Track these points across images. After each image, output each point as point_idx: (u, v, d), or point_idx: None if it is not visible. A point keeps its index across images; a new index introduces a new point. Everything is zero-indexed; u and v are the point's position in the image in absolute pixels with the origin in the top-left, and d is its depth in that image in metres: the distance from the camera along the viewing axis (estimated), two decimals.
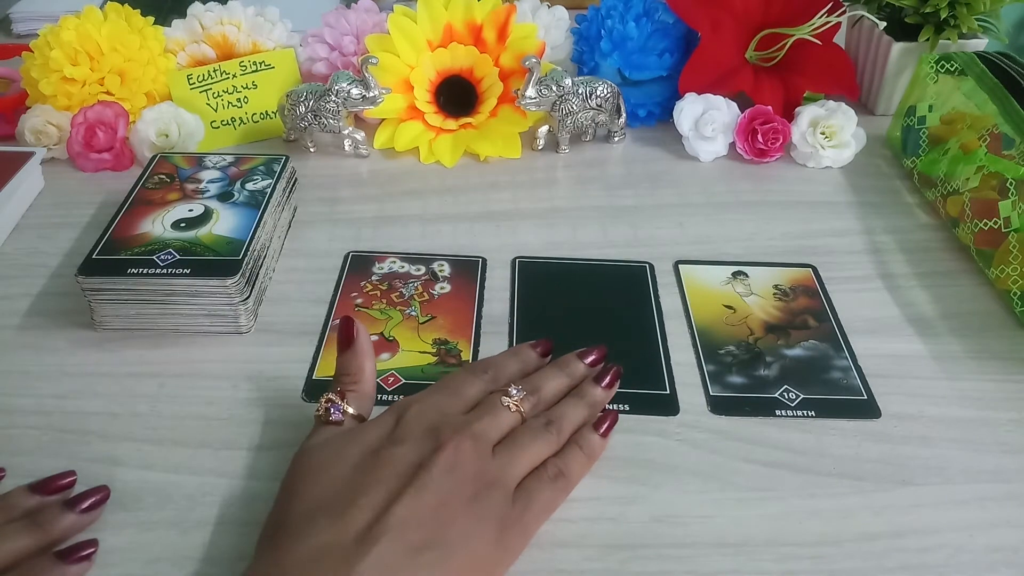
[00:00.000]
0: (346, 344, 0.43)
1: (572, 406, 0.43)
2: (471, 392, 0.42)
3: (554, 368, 0.45)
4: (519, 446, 0.40)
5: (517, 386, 0.42)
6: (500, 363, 0.45)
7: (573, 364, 0.46)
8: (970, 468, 0.45)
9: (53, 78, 0.69)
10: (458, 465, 0.37)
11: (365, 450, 0.38)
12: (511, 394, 0.42)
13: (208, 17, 0.74)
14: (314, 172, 0.70)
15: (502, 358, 0.46)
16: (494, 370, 0.44)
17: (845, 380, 0.50)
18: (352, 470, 0.37)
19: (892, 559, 0.40)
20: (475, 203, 0.67)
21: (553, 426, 0.41)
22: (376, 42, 0.71)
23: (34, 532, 0.38)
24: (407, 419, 0.39)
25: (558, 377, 0.45)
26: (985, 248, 0.58)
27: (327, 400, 0.41)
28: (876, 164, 0.72)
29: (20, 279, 0.57)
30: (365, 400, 0.42)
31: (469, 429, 0.39)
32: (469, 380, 0.43)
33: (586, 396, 0.44)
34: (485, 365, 0.45)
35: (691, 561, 0.40)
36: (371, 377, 0.43)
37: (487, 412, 0.40)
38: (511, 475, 0.39)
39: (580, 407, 0.43)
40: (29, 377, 0.49)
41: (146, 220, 0.54)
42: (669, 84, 0.75)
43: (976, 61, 0.64)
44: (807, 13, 0.72)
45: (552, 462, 0.40)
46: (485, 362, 0.45)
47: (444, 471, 0.36)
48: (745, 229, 0.64)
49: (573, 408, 0.43)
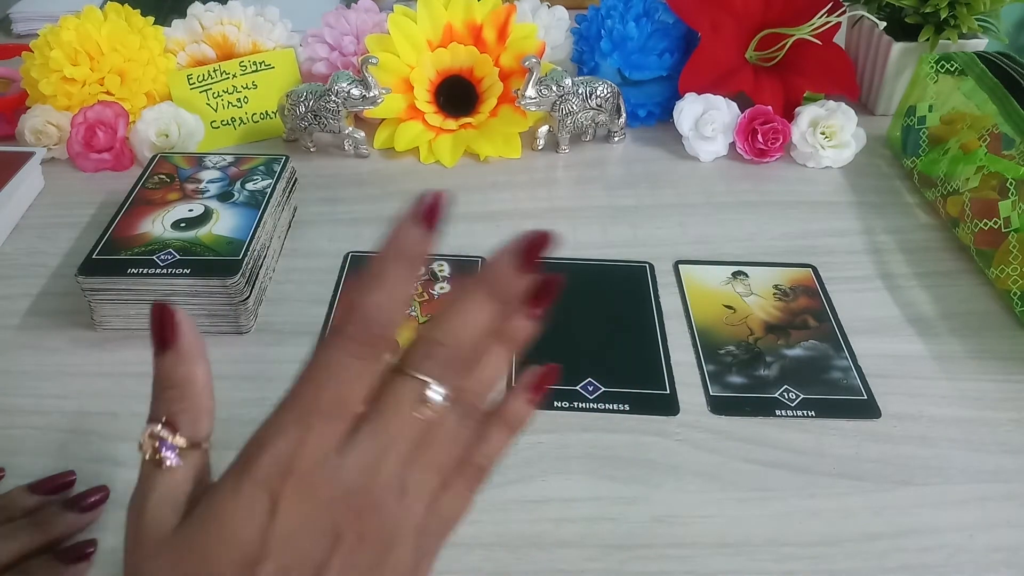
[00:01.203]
0: (163, 344, 0.29)
1: (495, 364, 0.31)
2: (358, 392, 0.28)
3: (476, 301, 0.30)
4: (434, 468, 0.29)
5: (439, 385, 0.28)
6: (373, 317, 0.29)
7: (504, 281, 0.30)
8: (970, 468, 0.45)
9: (53, 78, 0.69)
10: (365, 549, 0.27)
11: (236, 559, 0.26)
12: (430, 400, 0.28)
13: (208, 17, 0.74)
14: (314, 172, 0.70)
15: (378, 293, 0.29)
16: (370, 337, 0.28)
17: (845, 380, 0.50)
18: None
19: (892, 559, 0.40)
20: (475, 203, 0.67)
21: (473, 418, 0.30)
22: (376, 42, 0.71)
23: (33, 532, 0.38)
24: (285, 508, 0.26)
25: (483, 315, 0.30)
26: (985, 248, 0.58)
27: (151, 435, 0.29)
28: (876, 164, 0.72)
29: (20, 279, 0.57)
30: (201, 420, 0.30)
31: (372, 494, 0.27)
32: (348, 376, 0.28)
33: (513, 337, 0.32)
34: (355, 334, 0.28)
35: (691, 561, 0.40)
36: (205, 386, 0.30)
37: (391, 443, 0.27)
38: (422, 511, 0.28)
39: (503, 358, 0.31)
40: (29, 377, 0.49)
41: (146, 220, 0.54)
42: (669, 84, 0.75)
43: (976, 61, 0.64)
44: (807, 13, 0.72)
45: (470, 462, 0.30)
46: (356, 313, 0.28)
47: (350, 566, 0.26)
48: (745, 229, 0.64)
49: (495, 368, 0.31)
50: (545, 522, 0.41)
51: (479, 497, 0.33)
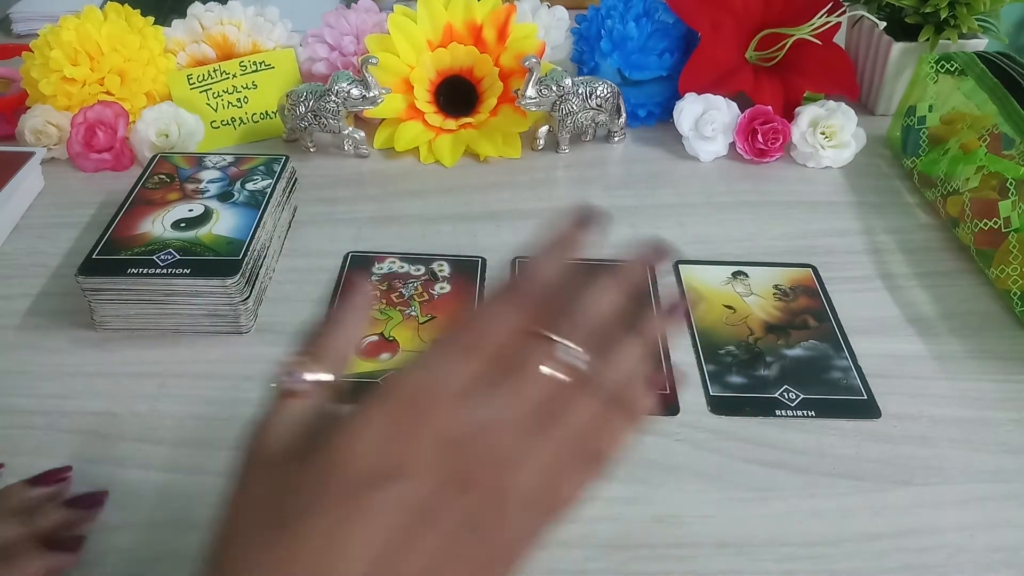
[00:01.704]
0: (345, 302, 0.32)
1: (630, 353, 0.32)
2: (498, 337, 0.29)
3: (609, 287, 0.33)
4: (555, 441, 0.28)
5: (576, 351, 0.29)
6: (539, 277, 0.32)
7: (632, 274, 0.34)
8: (970, 468, 0.45)
9: (53, 78, 0.69)
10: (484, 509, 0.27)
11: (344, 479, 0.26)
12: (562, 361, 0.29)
13: (208, 17, 0.74)
14: (314, 172, 0.70)
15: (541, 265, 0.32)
16: (530, 290, 0.31)
17: (845, 380, 0.50)
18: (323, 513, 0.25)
19: (892, 559, 0.40)
20: (475, 203, 0.67)
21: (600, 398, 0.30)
22: (376, 42, 0.71)
23: (25, 521, 0.39)
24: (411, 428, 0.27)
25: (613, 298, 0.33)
26: (985, 248, 0.58)
27: (287, 363, 0.30)
28: (876, 164, 0.72)
29: (20, 279, 0.57)
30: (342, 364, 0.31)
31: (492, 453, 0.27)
32: (496, 319, 0.30)
33: (649, 332, 0.33)
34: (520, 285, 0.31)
35: (691, 561, 0.40)
36: (353, 335, 0.32)
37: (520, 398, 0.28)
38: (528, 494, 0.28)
39: (639, 351, 0.32)
40: (29, 377, 0.49)
41: (146, 220, 0.54)
42: (669, 84, 0.75)
43: (976, 61, 0.64)
44: (807, 13, 0.72)
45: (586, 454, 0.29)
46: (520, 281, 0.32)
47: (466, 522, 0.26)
48: (745, 229, 0.64)
49: (631, 358, 0.32)
50: None
51: None
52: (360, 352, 0.51)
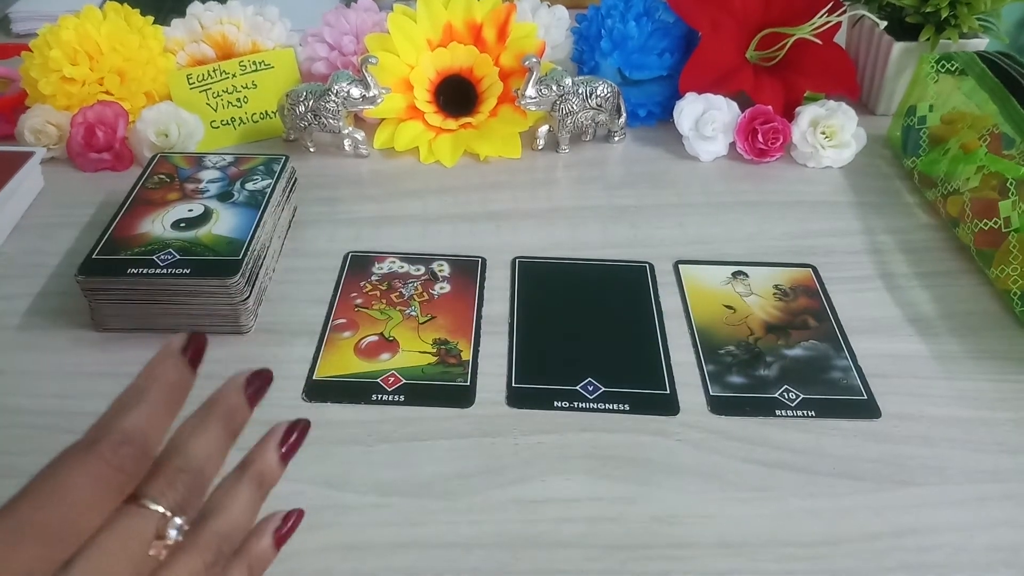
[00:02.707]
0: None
1: (240, 504, 0.28)
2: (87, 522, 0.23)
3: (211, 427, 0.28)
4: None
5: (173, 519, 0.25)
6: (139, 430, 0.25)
7: (235, 412, 0.29)
8: (969, 468, 0.45)
9: (53, 78, 0.69)
10: None
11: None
12: (167, 535, 0.25)
13: (208, 17, 0.74)
14: (314, 172, 0.70)
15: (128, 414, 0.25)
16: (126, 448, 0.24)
17: (845, 380, 0.50)
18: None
19: (892, 559, 0.40)
20: (475, 203, 0.67)
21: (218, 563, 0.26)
22: (376, 42, 0.71)
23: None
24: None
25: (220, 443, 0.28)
26: (985, 248, 0.58)
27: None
28: (876, 164, 0.72)
29: (20, 279, 0.57)
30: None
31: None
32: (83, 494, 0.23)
33: (258, 472, 0.29)
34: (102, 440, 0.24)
35: (691, 561, 0.40)
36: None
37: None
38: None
39: (250, 497, 0.29)
40: (29, 377, 0.49)
41: (146, 220, 0.54)
42: (669, 84, 0.75)
43: (976, 61, 0.64)
44: (807, 13, 0.72)
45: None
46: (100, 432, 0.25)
47: None
48: (745, 229, 0.64)
49: (241, 507, 0.28)
50: (545, 522, 0.41)
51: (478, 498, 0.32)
52: (360, 352, 0.51)
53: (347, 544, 0.40)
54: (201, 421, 0.28)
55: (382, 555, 0.40)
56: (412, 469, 0.44)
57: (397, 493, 0.43)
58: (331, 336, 0.53)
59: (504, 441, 0.46)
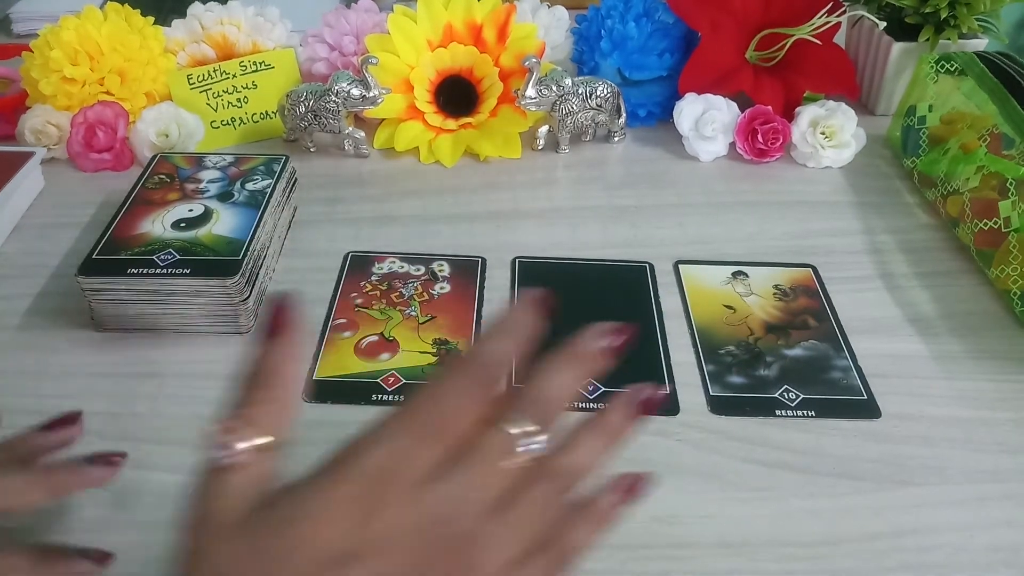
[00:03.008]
0: (277, 331, 0.30)
1: (590, 450, 0.31)
2: (459, 425, 0.29)
3: (567, 370, 0.32)
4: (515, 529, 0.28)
5: (533, 435, 0.29)
6: (495, 354, 0.31)
7: (588, 359, 0.32)
8: (969, 468, 0.45)
9: (53, 78, 0.69)
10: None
11: (317, 559, 0.25)
12: (518, 452, 0.29)
13: (208, 17, 0.74)
14: (314, 172, 0.70)
15: (496, 342, 0.31)
16: (488, 369, 0.30)
17: (845, 380, 0.50)
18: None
19: (892, 559, 0.40)
20: (475, 203, 0.67)
21: (562, 495, 0.30)
22: (376, 42, 0.71)
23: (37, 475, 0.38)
24: (381, 515, 0.26)
25: (574, 383, 0.32)
26: (985, 248, 0.58)
27: (223, 429, 0.28)
28: (876, 164, 0.72)
29: (20, 279, 0.57)
30: (285, 419, 0.30)
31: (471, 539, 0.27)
32: (456, 409, 0.29)
33: (607, 427, 0.32)
34: (477, 363, 0.30)
35: (691, 561, 0.40)
36: (292, 384, 0.30)
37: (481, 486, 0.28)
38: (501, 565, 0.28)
39: (599, 447, 0.31)
40: (29, 377, 0.49)
41: (146, 220, 0.54)
42: (669, 84, 0.75)
43: (976, 61, 0.64)
44: (807, 13, 0.72)
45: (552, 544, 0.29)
46: (476, 357, 0.30)
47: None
48: (745, 229, 0.64)
49: (590, 449, 0.31)
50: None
51: None
52: (360, 352, 0.51)
53: None
54: (557, 362, 0.31)
55: None
56: None
57: None
58: (331, 336, 0.53)
59: None
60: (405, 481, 0.27)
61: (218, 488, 0.27)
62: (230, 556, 0.26)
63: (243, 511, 0.26)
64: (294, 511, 0.26)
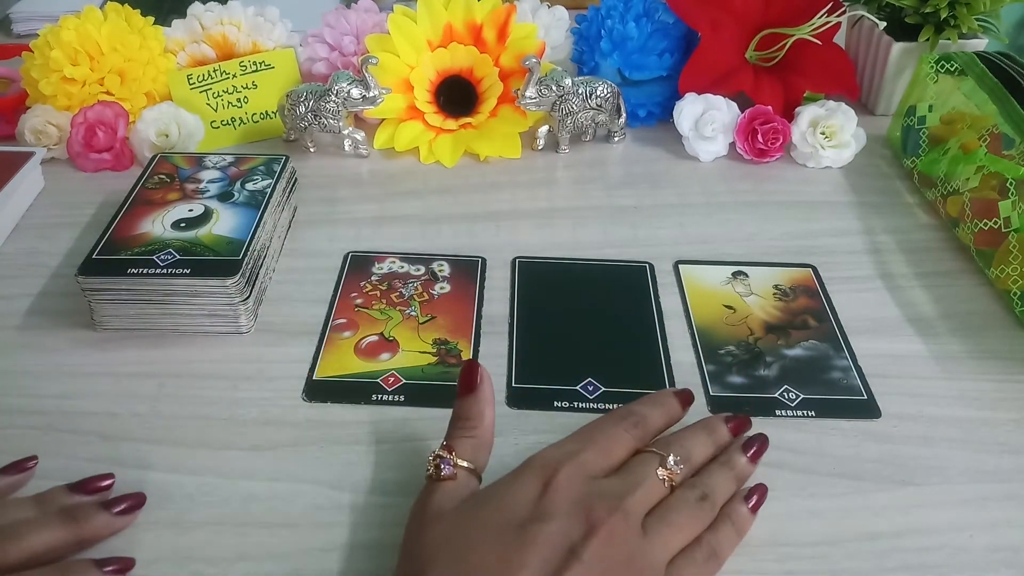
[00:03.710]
0: (468, 389, 0.41)
1: (722, 477, 0.40)
2: (619, 451, 0.39)
3: (701, 432, 0.42)
4: (673, 526, 0.37)
5: (674, 455, 0.39)
6: (646, 414, 0.41)
7: (719, 429, 0.43)
8: (970, 468, 0.45)
9: (53, 78, 0.69)
10: (611, 550, 0.34)
11: (509, 520, 0.35)
12: (668, 465, 0.39)
13: (208, 17, 0.74)
14: (314, 172, 0.70)
15: (647, 407, 0.42)
16: (641, 423, 0.41)
17: (845, 380, 0.50)
18: (496, 544, 0.34)
19: (892, 559, 0.40)
20: (475, 203, 0.67)
21: (707, 501, 0.38)
22: (376, 42, 0.71)
23: (69, 525, 0.38)
24: (556, 486, 0.36)
25: (706, 443, 0.42)
26: (985, 248, 0.58)
27: (435, 456, 0.38)
28: (876, 164, 0.72)
29: (20, 279, 0.57)
30: (482, 450, 0.40)
31: (622, 506, 0.36)
32: (616, 435, 0.40)
33: (735, 466, 0.41)
34: (630, 415, 0.41)
35: None
36: (490, 425, 0.40)
37: (639, 483, 0.37)
38: (663, 558, 0.36)
39: (730, 478, 0.41)
40: (29, 377, 0.49)
41: (146, 220, 0.54)
42: (669, 84, 0.75)
43: (976, 61, 0.64)
44: (807, 13, 0.72)
45: (705, 541, 0.38)
46: (630, 411, 0.41)
47: (597, 558, 0.34)
48: (745, 229, 0.64)
49: (723, 479, 0.40)
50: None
51: None
52: (360, 352, 0.51)
53: (347, 544, 0.40)
54: (693, 428, 0.43)
55: (383, 556, 0.40)
56: (412, 469, 0.44)
57: (397, 493, 0.43)
58: (331, 336, 0.53)
59: (504, 441, 0.46)
60: (577, 470, 0.37)
61: (436, 491, 0.37)
62: (441, 531, 0.35)
63: (453, 504, 0.36)
64: (488, 495, 0.37)
